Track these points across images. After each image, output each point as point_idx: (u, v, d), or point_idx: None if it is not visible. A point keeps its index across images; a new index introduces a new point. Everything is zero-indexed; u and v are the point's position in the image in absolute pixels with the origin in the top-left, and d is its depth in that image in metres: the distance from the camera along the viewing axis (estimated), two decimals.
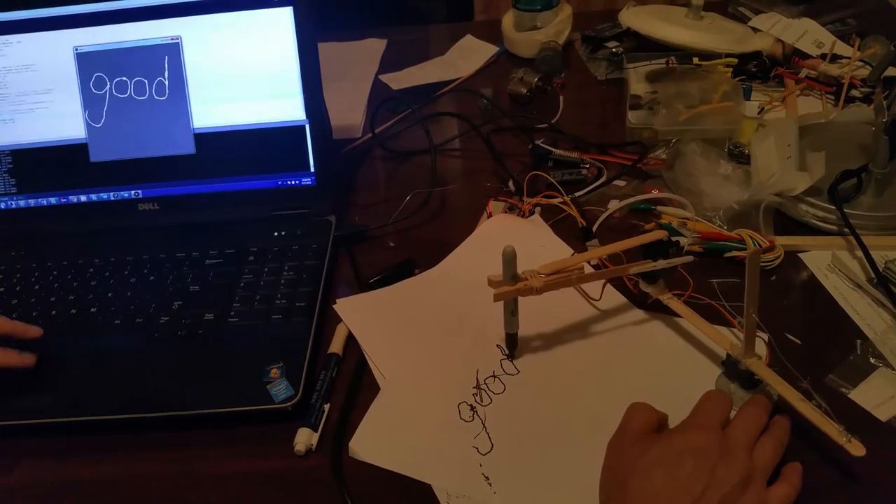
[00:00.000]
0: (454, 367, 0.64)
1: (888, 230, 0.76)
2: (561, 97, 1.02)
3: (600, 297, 0.69)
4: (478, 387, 0.62)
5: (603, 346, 0.66)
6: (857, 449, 0.52)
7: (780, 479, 0.53)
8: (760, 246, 0.74)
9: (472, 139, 0.95)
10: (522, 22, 1.13)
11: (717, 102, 0.88)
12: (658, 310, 0.69)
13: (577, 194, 0.83)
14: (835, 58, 1.00)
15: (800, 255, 0.76)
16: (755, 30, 1.06)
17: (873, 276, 0.71)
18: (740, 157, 0.86)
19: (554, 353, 0.66)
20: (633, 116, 0.90)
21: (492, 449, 0.57)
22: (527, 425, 0.59)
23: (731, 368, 0.61)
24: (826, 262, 0.75)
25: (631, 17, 1.06)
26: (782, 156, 0.80)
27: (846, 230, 0.76)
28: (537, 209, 0.81)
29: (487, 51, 1.15)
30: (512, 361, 0.65)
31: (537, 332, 0.67)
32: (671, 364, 0.64)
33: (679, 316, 0.67)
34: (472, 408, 0.61)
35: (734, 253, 0.75)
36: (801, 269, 0.74)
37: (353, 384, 0.63)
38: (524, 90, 1.02)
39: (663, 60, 0.97)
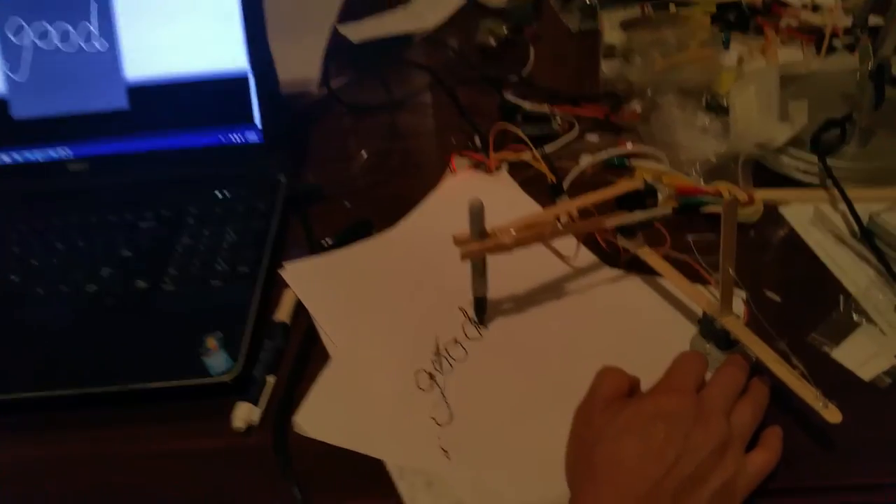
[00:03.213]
0: (412, 333, 0.59)
1: (872, 182, 0.72)
2: (532, 49, 0.96)
3: (575, 256, 0.64)
4: (437, 353, 0.58)
5: (574, 307, 0.62)
6: (833, 415, 0.48)
7: (759, 445, 0.50)
8: (738, 199, 0.70)
9: (437, 94, 0.90)
10: None
11: (695, 51, 0.83)
12: (632, 268, 0.64)
13: (547, 148, 0.78)
14: (816, 7, 0.95)
15: (780, 209, 0.72)
16: None
17: (857, 230, 0.66)
18: (718, 108, 0.81)
19: (521, 316, 0.61)
20: (606, 67, 0.85)
21: (451, 419, 0.53)
22: (490, 393, 0.55)
23: (707, 327, 0.57)
24: (808, 216, 0.71)
25: None
26: (763, 106, 0.75)
27: (829, 182, 0.71)
28: (504, 165, 0.76)
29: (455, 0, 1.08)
30: (478, 326, 0.60)
31: (503, 293, 0.62)
32: (645, 324, 0.60)
33: (654, 274, 0.63)
34: (431, 376, 0.56)
35: (712, 207, 0.70)
36: (782, 224, 0.70)
37: (302, 354, 0.58)
38: (493, 41, 0.96)
39: (638, 7, 0.91)
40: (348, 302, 0.62)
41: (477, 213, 0.52)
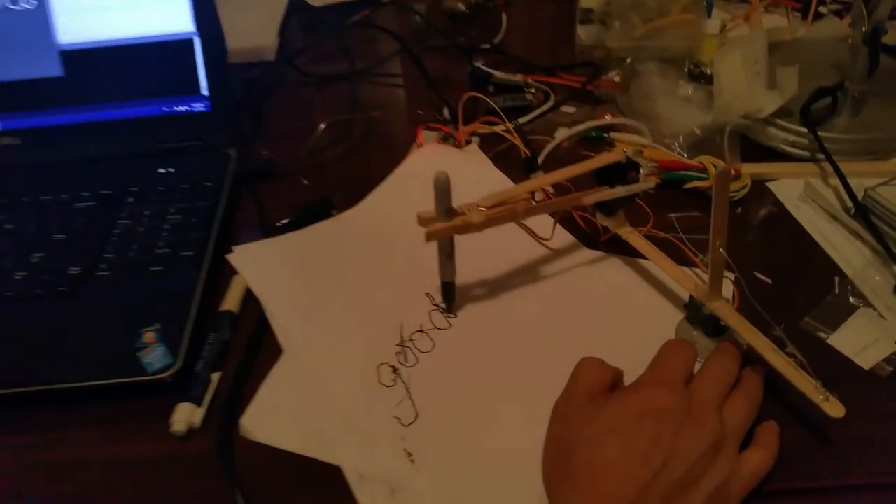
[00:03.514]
0: (373, 323, 0.54)
1: (865, 154, 0.68)
2: (504, 15, 0.91)
3: (551, 236, 0.59)
4: (402, 344, 0.52)
5: (550, 292, 0.57)
6: (835, 409, 0.44)
7: (753, 443, 0.45)
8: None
9: (404, 62, 0.84)
10: None
11: (676, 15, 0.78)
12: (612, 249, 0.60)
13: (520, 121, 0.72)
14: None
15: (768, 184, 0.67)
16: None
17: (851, 206, 0.62)
18: (701, 77, 0.76)
19: (493, 303, 0.56)
20: (583, 32, 0.79)
21: (416, 419, 0.48)
22: (459, 388, 0.50)
23: (694, 313, 0.52)
24: (798, 191, 0.66)
25: None
26: (749, 73, 0.70)
27: (820, 156, 0.67)
28: (475, 138, 0.71)
29: None
30: (445, 314, 0.55)
31: (474, 278, 0.57)
32: (627, 310, 0.55)
33: (636, 256, 0.58)
34: (395, 370, 0.51)
35: (696, 183, 0.66)
36: (770, 200, 0.66)
37: (251, 348, 0.52)
38: (463, 6, 0.90)
39: None
40: (304, 289, 0.57)
41: (443, 189, 0.47)
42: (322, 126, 0.68)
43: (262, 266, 0.58)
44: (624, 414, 0.42)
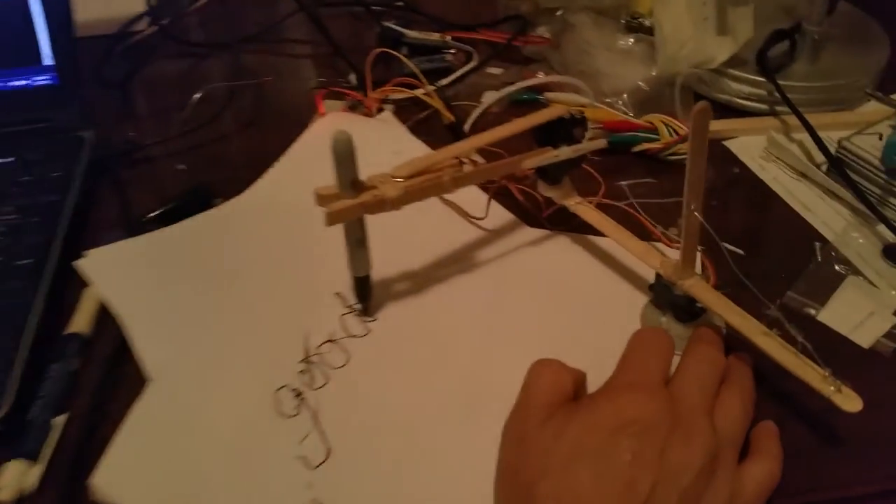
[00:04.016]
0: (269, 337, 0.43)
1: (830, 105, 0.60)
2: None
3: (486, 214, 0.49)
4: (307, 361, 0.41)
5: (489, 282, 0.47)
6: (850, 402, 0.36)
7: (753, 452, 0.37)
8: (678, 133, 0.57)
9: (300, 25, 0.72)
10: None
11: None
12: (558, 226, 0.50)
13: (441, 83, 0.62)
14: None
15: (725, 143, 0.59)
16: None
17: (823, 161, 0.55)
18: (641, 28, 0.67)
19: (419, 300, 0.45)
20: None
21: (328, 457, 0.37)
22: (382, 412, 0.39)
23: (663, 295, 0.43)
24: (759, 149, 0.58)
25: None
26: (696, 18, 0.61)
27: (781, 108, 0.59)
28: (388, 106, 0.60)
29: None
30: (361, 318, 0.44)
31: (395, 270, 0.46)
32: (582, 297, 0.46)
33: (587, 232, 0.48)
34: (298, 395, 0.40)
35: (646, 145, 0.57)
36: (730, 161, 0.58)
37: (106, 381, 0.40)
38: None
39: None
40: (176, 299, 0.45)
41: (344, 155, 0.36)
42: (197, 96, 0.56)
43: (121, 274, 0.45)
44: (595, 430, 0.33)
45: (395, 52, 0.59)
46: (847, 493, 0.37)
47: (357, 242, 0.40)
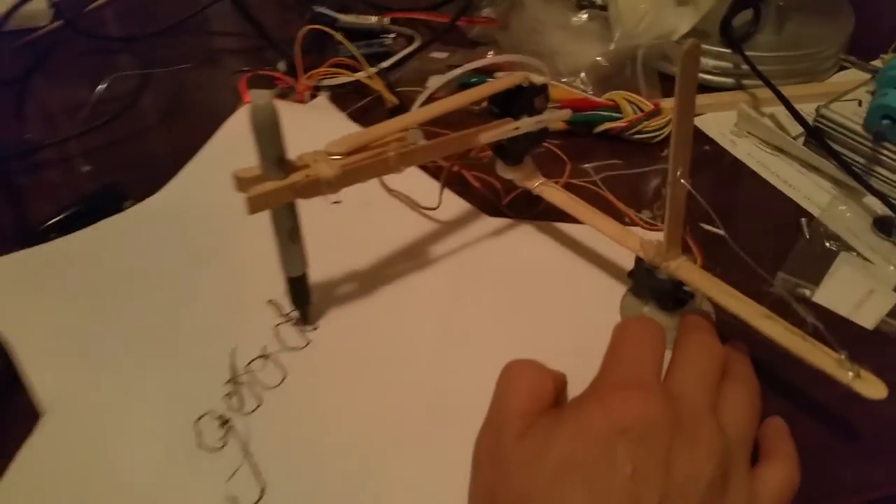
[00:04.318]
0: (188, 356, 0.36)
1: (796, 77, 0.56)
2: None
3: (438, 204, 0.43)
4: (234, 381, 0.35)
5: (446, 278, 0.41)
6: (873, 387, 0.31)
7: (765, 455, 0.32)
8: (642, 110, 0.52)
9: (225, 16, 0.66)
10: None
11: None
12: (520, 214, 0.44)
13: (382, 65, 0.56)
14: None
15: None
16: None
17: (799, 133, 0.50)
18: (593, 7, 0.62)
19: (367, 303, 0.39)
20: None
21: (262, 495, 0.30)
22: (327, 437, 0.33)
23: (644, 281, 0.38)
24: (729, 125, 0.54)
25: None
26: None
27: (748, 81, 0.55)
28: (324, 93, 0.54)
29: None
30: (299, 327, 0.37)
31: (337, 270, 0.40)
32: (553, 290, 0.40)
33: (553, 219, 0.43)
34: (225, 422, 0.33)
35: (609, 124, 0.52)
36: (700, 139, 0.53)
37: None
38: None
39: None
40: (78, 319, 0.37)
41: (266, 125, 0.30)
42: (102, 87, 0.49)
43: (11, 291, 0.38)
44: (586, 440, 0.27)
45: (328, 29, 0.53)
46: (873, 494, 0.32)
47: (289, 235, 0.34)
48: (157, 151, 0.50)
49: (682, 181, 0.33)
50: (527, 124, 0.38)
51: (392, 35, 0.61)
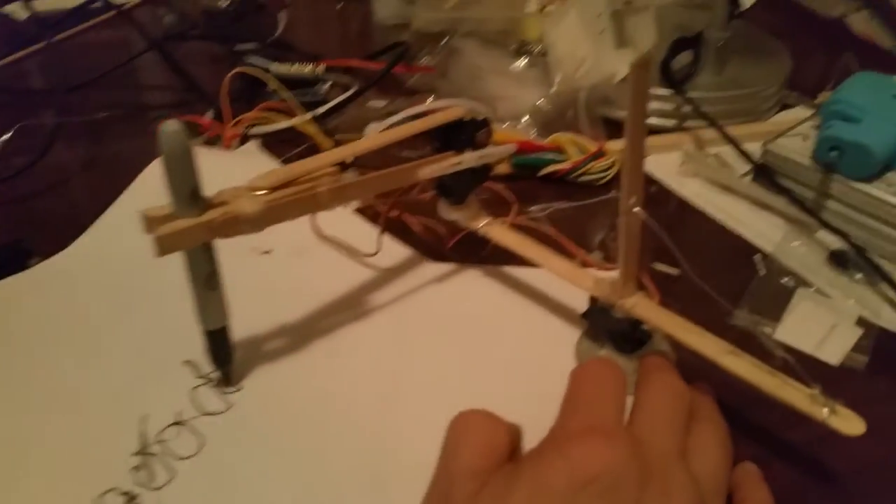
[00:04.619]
0: (90, 425, 0.31)
1: (737, 117, 0.56)
2: (283, 14, 0.73)
3: (378, 249, 0.40)
4: (144, 452, 0.30)
5: (388, 329, 0.37)
6: (850, 423, 0.29)
7: (739, 500, 0.28)
8: (586, 152, 0.50)
9: (152, 69, 0.63)
10: None
11: None
12: (465, 259, 0.42)
13: (318, 111, 0.53)
14: None
15: None
16: None
17: (746, 171, 0.50)
18: (531, 53, 0.62)
19: (301, 358, 0.35)
20: (381, 8, 0.63)
21: None
22: None
23: (599, 322, 0.35)
24: (675, 166, 0.53)
25: None
26: (592, 32, 0.56)
27: (690, 123, 0.55)
28: (254, 141, 0.51)
29: None
30: (220, 389, 0.33)
31: (265, 326, 0.36)
32: (503, 338, 0.37)
33: (500, 263, 0.40)
34: (131, 499, 0.28)
35: (554, 167, 0.50)
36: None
37: None
38: (225, 3, 0.71)
39: None
40: None
41: (178, 154, 0.27)
42: (6, 137, 0.45)
43: None
44: (546, 496, 0.24)
45: (257, 72, 0.50)
46: None
47: (205, 282, 0.30)
48: (69, 205, 0.46)
49: (636, 210, 0.31)
50: (469, 159, 0.36)
51: (328, 83, 0.59)
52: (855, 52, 0.59)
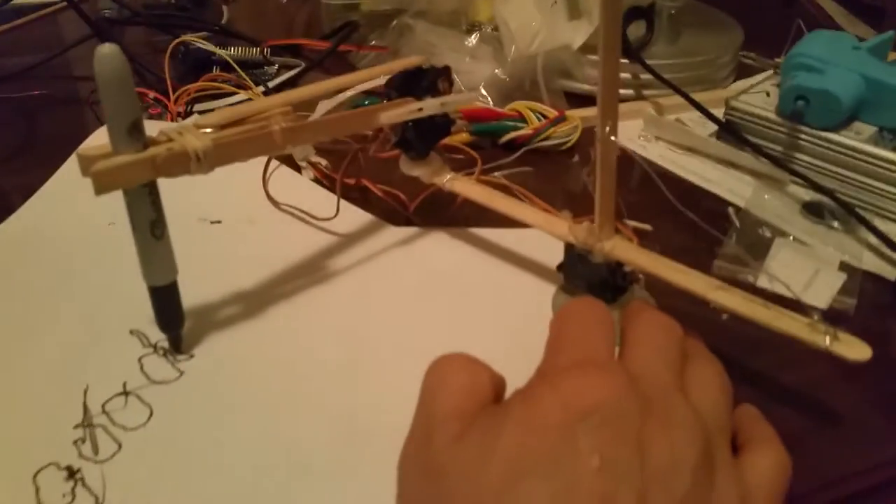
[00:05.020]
0: (27, 398, 0.28)
1: (695, 84, 0.55)
2: (225, 7, 0.70)
3: (336, 213, 0.38)
4: (87, 425, 0.27)
5: (351, 291, 0.35)
6: (854, 348, 0.27)
7: (748, 442, 0.27)
8: (546, 117, 0.49)
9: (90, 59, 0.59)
10: None
11: None
12: (428, 222, 0.39)
13: (270, 85, 0.51)
14: None
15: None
16: None
17: (710, 132, 0.49)
18: (481, 29, 0.60)
19: (258, 323, 0.32)
20: None
21: None
22: (208, 483, 0.25)
23: (577, 269, 0.33)
24: (636, 131, 0.52)
25: None
26: (544, 6, 0.55)
27: (647, 91, 0.54)
28: (200, 115, 0.48)
29: None
30: (169, 357, 0.30)
31: (219, 293, 0.33)
32: (473, 296, 0.35)
33: (465, 224, 0.38)
34: (73, 474, 0.25)
35: (515, 134, 0.48)
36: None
37: None
38: None
39: None
40: None
41: (115, 80, 0.24)
42: None
43: None
44: (539, 431, 0.21)
45: (199, 42, 0.47)
46: (869, 481, 0.28)
47: (150, 230, 0.27)
48: (5, 183, 0.42)
49: (613, 139, 0.29)
50: (431, 105, 0.34)
51: (275, 66, 0.56)
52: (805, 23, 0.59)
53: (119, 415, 0.27)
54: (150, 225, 0.27)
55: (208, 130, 0.27)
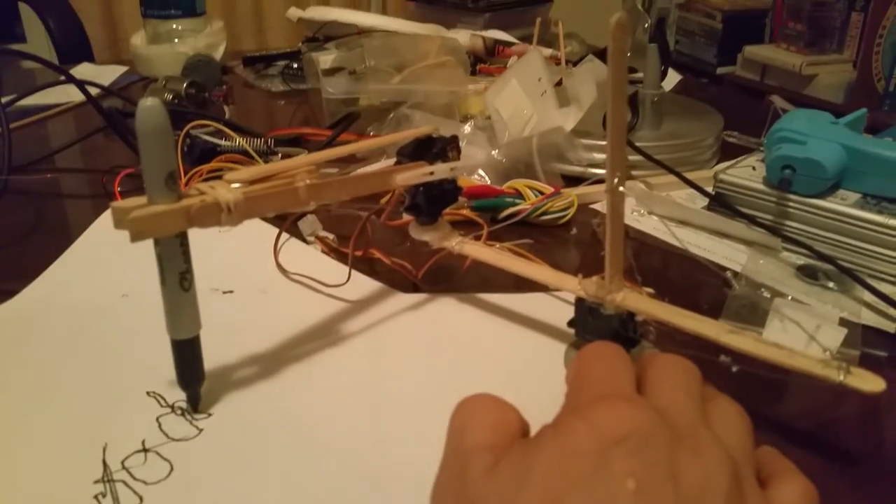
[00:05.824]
0: (49, 458, 0.27)
1: (679, 166, 0.57)
2: (227, 107, 0.73)
3: (347, 279, 0.38)
4: (107, 480, 0.26)
5: (365, 353, 0.35)
6: (869, 380, 0.28)
7: (773, 475, 0.26)
8: (543, 194, 0.51)
9: (103, 148, 0.61)
10: (159, 34, 0.83)
11: (435, 61, 0.66)
12: (435, 289, 0.40)
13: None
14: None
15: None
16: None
17: (701, 205, 0.51)
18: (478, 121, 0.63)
19: (273, 383, 0.32)
20: (330, 84, 0.64)
21: None
22: None
23: (588, 326, 0.34)
24: (630, 207, 0.54)
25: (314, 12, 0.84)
26: (534, 95, 0.59)
27: (635, 171, 0.56)
28: None
29: (112, 72, 0.82)
30: (187, 415, 0.30)
31: (235, 356, 0.33)
32: (486, 357, 0.35)
33: (473, 290, 0.39)
34: None
35: (513, 209, 0.50)
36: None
37: None
38: (170, 97, 0.70)
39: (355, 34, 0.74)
40: None
41: (155, 130, 0.25)
42: None
43: None
44: (575, 457, 0.21)
45: (208, 121, 0.49)
46: None
47: (180, 281, 0.28)
48: (16, 263, 0.43)
49: (622, 190, 0.31)
50: (441, 169, 0.35)
51: (279, 154, 0.58)
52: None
53: (139, 470, 0.27)
54: (179, 276, 0.27)
55: (237, 185, 0.28)
